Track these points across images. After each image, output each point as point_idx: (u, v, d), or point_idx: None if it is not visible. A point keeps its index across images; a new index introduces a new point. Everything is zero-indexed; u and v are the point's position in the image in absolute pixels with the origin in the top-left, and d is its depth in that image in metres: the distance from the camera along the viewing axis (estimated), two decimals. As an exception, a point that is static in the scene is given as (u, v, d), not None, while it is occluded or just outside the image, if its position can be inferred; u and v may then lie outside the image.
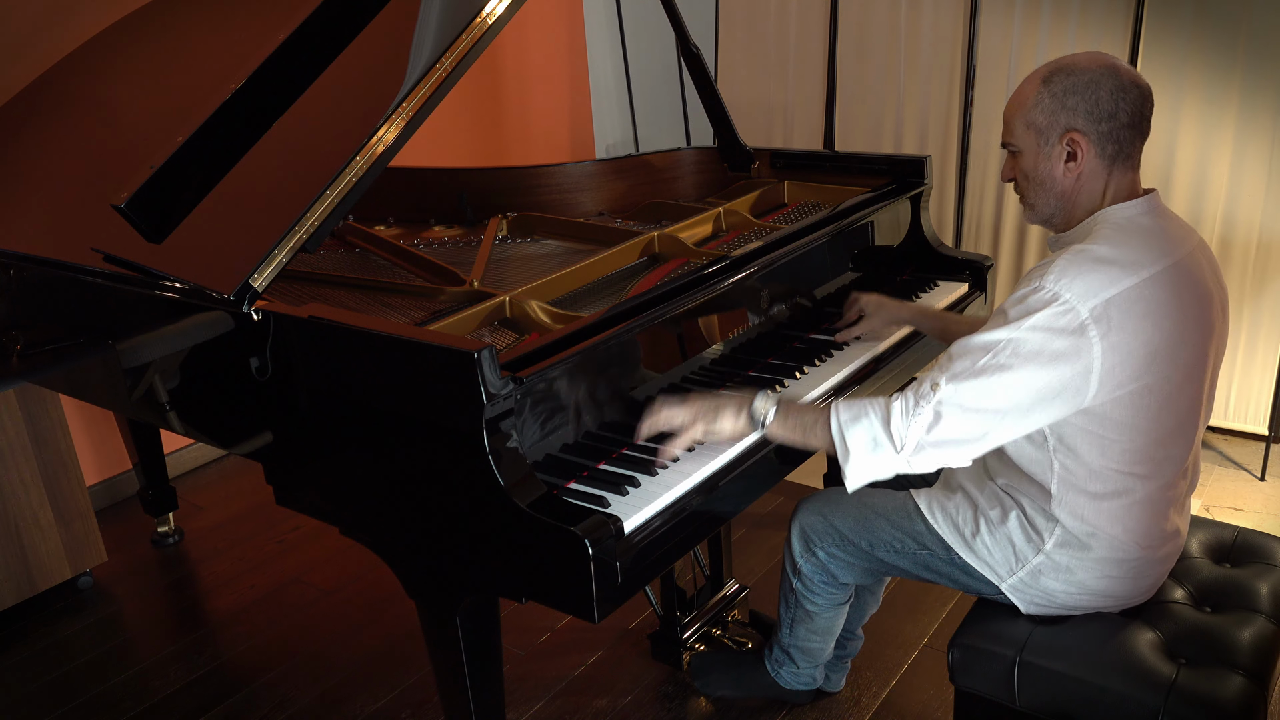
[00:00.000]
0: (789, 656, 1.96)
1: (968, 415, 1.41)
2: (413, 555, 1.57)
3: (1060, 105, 1.45)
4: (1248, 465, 3.04)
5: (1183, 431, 1.49)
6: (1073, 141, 1.46)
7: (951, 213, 3.45)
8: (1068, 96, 1.45)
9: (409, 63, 1.72)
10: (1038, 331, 1.38)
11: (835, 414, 1.50)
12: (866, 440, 1.47)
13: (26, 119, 2.38)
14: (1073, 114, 1.45)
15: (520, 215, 2.41)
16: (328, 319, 1.49)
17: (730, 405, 1.57)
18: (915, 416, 1.43)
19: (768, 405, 1.56)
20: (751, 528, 2.81)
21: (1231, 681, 1.42)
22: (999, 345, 1.39)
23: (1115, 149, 1.46)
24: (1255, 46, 2.78)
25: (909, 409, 1.44)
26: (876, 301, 1.99)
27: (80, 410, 3.04)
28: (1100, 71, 1.44)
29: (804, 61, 3.65)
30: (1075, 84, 1.44)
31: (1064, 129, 1.46)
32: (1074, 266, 1.39)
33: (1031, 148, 1.50)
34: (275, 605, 2.62)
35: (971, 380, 1.40)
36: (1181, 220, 1.53)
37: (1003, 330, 1.40)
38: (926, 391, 1.43)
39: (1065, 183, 1.50)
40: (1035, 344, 1.38)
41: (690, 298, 1.71)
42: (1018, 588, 1.59)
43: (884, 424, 1.46)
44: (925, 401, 1.43)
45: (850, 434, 1.48)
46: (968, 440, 1.44)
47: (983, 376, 1.40)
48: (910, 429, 1.43)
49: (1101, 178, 1.48)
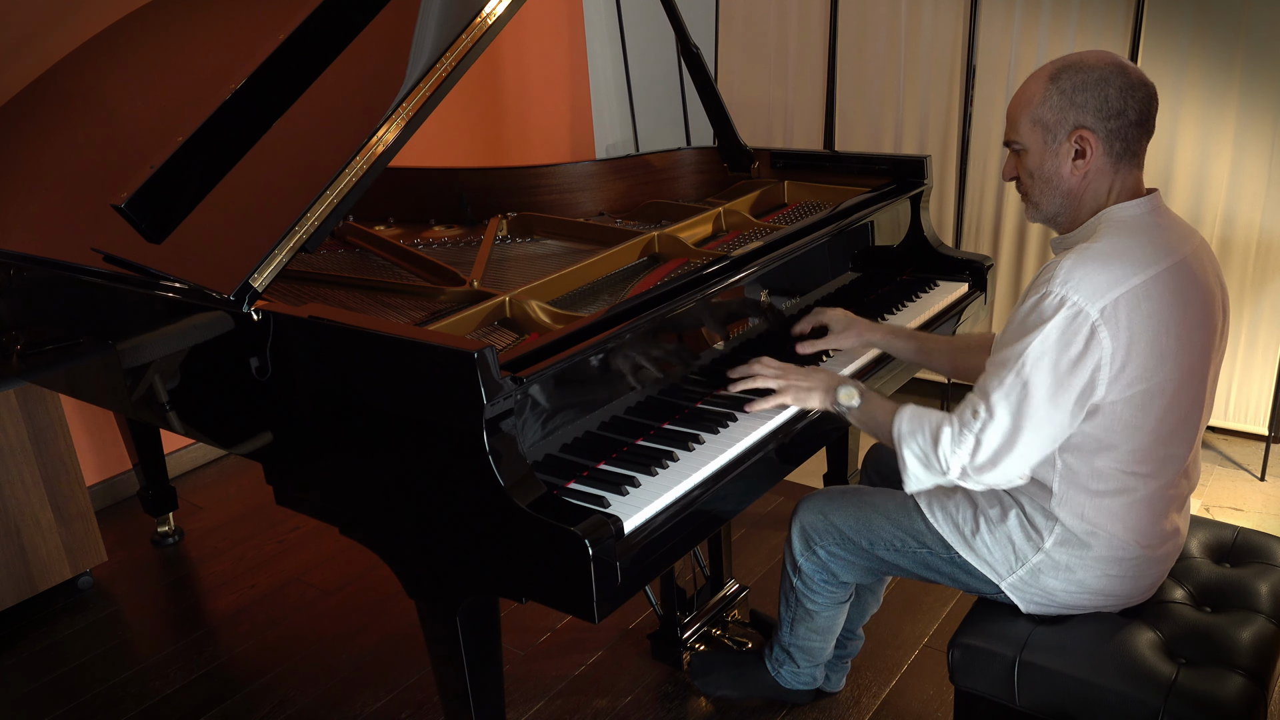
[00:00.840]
0: (789, 656, 1.96)
1: (1004, 439, 1.45)
2: (413, 555, 1.57)
3: (1069, 102, 1.45)
4: (1248, 465, 3.04)
5: (1184, 430, 1.49)
6: (1081, 139, 1.46)
7: (951, 213, 3.45)
8: (1077, 93, 1.45)
9: (409, 63, 1.72)
10: (1053, 342, 1.39)
11: (898, 423, 1.56)
12: (919, 454, 1.53)
13: (27, 119, 2.38)
14: (1082, 111, 1.45)
15: (520, 215, 2.41)
16: (328, 319, 1.49)
17: (821, 388, 1.70)
18: (960, 444, 1.47)
19: (852, 397, 1.66)
20: (751, 528, 2.81)
21: (1231, 681, 1.42)
22: (1024, 362, 1.41)
23: (1122, 146, 1.46)
24: (1255, 46, 2.78)
25: (956, 437, 1.48)
26: (845, 319, 1.92)
27: (80, 410, 3.04)
28: (1109, 69, 1.44)
29: (804, 61, 3.65)
30: (1085, 81, 1.44)
31: (1073, 126, 1.46)
32: (1080, 268, 1.39)
33: (1038, 145, 1.50)
34: (275, 605, 2.62)
35: (1004, 403, 1.44)
36: (1183, 220, 1.53)
37: (1024, 343, 1.41)
38: (969, 419, 1.47)
39: (1072, 180, 1.50)
40: (1053, 355, 1.39)
41: (690, 298, 1.71)
42: (1017, 586, 1.59)
43: (933, 446, 1.51)
44: (969, 430, 1.47)
45: (905, 447, 1.54)
46: (1008, 461, 1.46)
47: (1013, 398, 1.43)
48: (954, 457, 1.48)
49: (1108, 176, 1.49)
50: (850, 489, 1.82)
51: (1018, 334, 1.43)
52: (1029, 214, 1.59)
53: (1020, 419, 1.43)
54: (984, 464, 1.47)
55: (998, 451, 1.45)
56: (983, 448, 1.46)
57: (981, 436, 1.45)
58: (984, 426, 1.45)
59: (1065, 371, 1.39)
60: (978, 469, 1.48)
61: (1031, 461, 1.47)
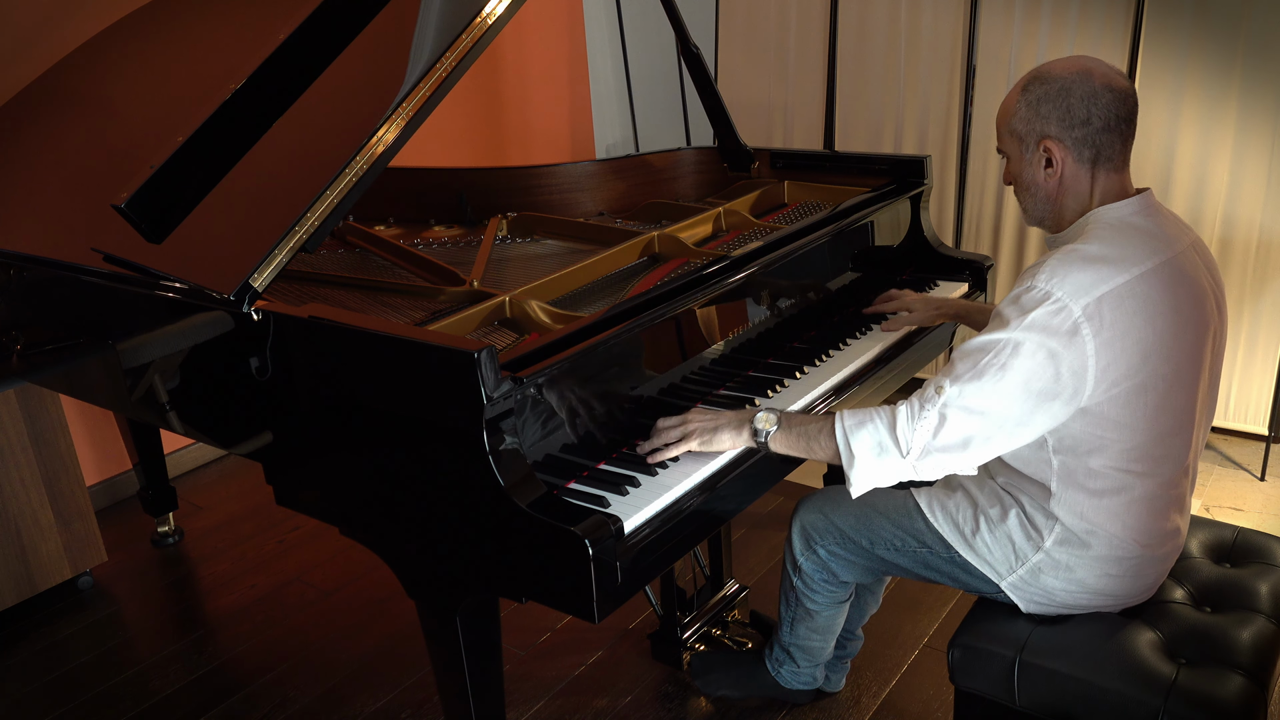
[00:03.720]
0: (789, 656, 1.96)
1: (972, 418, 1.42)
2: (413, 555, 1.57)
3: (1035, 113, 1.48)
4: (1248, 465, 3.04)
5: (1181, 430, 1.49)
6: (1047, 149, 1.48)
7: (951, 213, 3.45)
8: (1040, 105, 1.47)
9: (409, 63, 1.72)
10: (1034, 331, 1.38)
11: (840, 421, 1.49)
12: (872, 445, 1.47)
13: (27, 119, 2.38)
14: (1046, 121, 1.47)
15: (520, 215, 2.41)
16: (328, 319, 1.49)
17: (731, 425, 1.56)
18: (921, 421, 1.44)
19: (769, 422, 1.55)
20: (751, 528, 2.81)
21: (1231, 681, 1.42)
22: (998, 346, 1.40)
23: (1093, 153, 1.47)
24: (1255, 46, 2.78)
25: (914, 414, 1.44)
26: (921, 300, 2.09)
27: (80, 410, 3.04)
28: (1072, 78, 1.45)
29: (804, 61, 3.65)
30: (1047, 92, 1.46)
31: (1039, 136, 1.49)
32: (1064, 265, 1.40)
33: (1016, 154, 1.54)
34: (275, 605, 2.62)
35: (974, 383, 1.41)
36: (1177, 218, 1.54)
37: (1000, 332, 1.41)
38: (931, 395, 1.44)
39: (1048, 187, 1.52)
40: (1032, 343, 1.38)
41: (690, 298, 1.71)
42: (1017, 586, 1.59)
43: (889, 429, 1.46)
44: (930, 405, 1.43)
45: (855, 439, 1.47)
46: (973, 444, 1.44)
47: (984, 378, 1.41)
48: (916, 433, 1.44)
49: (1084, 180, 1.50)
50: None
51: (996, 326, 1.42)
52: (1023, 217, 1.62)
53: (986, 402, 1.41)
54: (949, 444, 1.43)
55: (959, 430, 1.42)
56: (947, 425, 1.42)
57: (946, 413, 1.42)
58: (948, 404, 1.42)
59: (1041, 364, 1.38)
60: (942, 449, 1.43)
61: (994, 448, 1.45)
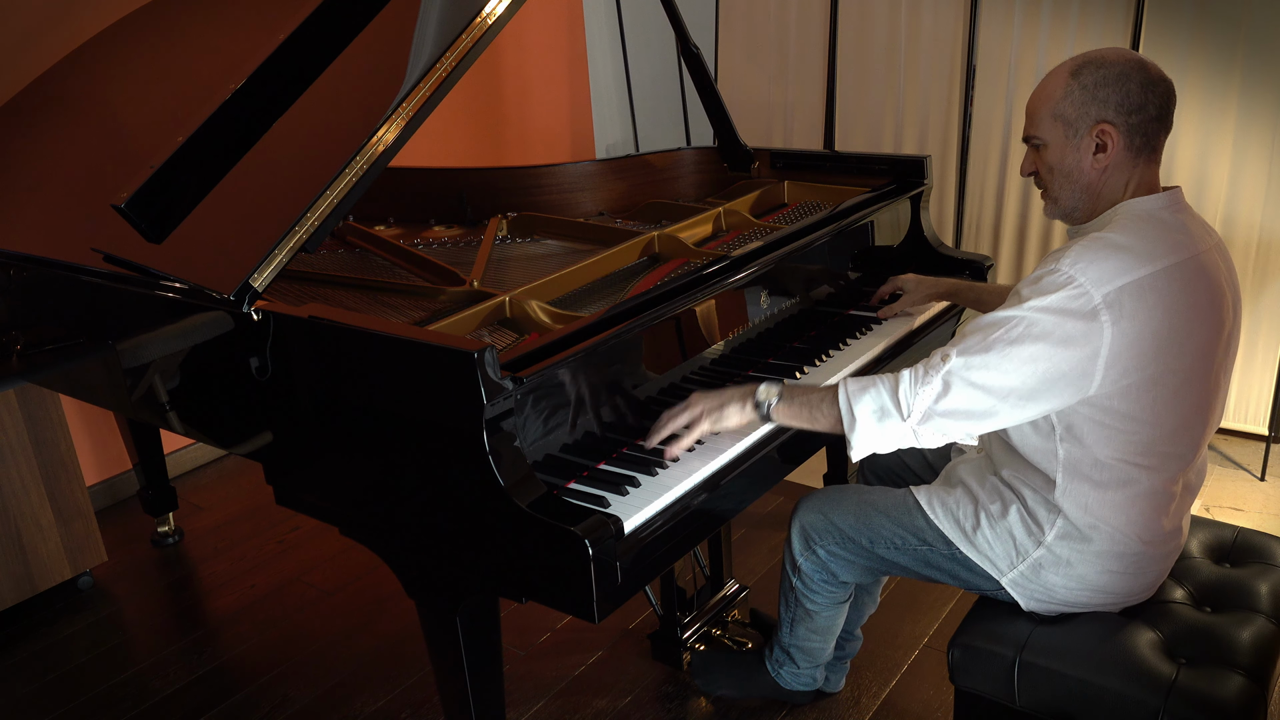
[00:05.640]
0: (789, 656, 1.96)
1: (975, 390, 1.43)
2: (413, 555, 1.57)
3: (1091, 97, 1.47)
4: (1248, 465, 3.04)
5: (1189, 429, 1.49)
6: (1103, 133, 1.48)
7: (951, 213, 3.45)
8: (1099, 89, 1.46)
9: (409, 63, 1.72)
10: (1050, 313, 1.39)
11: (843, 387, 1.53)
12: (874, 409, 1.49)
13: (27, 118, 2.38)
14: (1104, 105, 1.47)
15: (520, 215, 2.41)
16: (328, 319, 1.49)
17: (735, 399, 1.60)
18: (924, 385, 1.46)
19: (771, 393, 1.59)
20: (751, 528, 2.81)
21: (1231, 681, 1.42)
22: (1012, 322, 1.41)
23: (1143, 141, 1.48)
24: (1255, 46, 2.78)
25: (919, 378, 1.47)
26: (915, 280, 2.11)
27: (80, 410, 3.04)
28: (1130, 64, 1.46)
29: (804, 61, 3.65)
30: (1106, 76, 1.46)
31: (1095, 120, 1.48)
32: (1090, 252, 1.40)
33: (1058, 140, 1.52)
34: (275, 605, 2.62)
35: (982, 354, 1.42)
36: (1202, 220, 1.54)
37: (1017, 309, 1.42)
38: (937, 362, 1.46)
39: (1091, 175, 1.51)
40: (1047, 324, 1.39)
41: (690, 298, 1.71)
42: (1018, 582, 1.59)
43: (892, 392, 1.49)
44: (935, 371, 1.46)
45: (858, 404, 1.50)
46: (974, 415, 1.45)
47: (993, 351, 1.42)
48: (919, 397, 1.46)
49: (1126, 171, 1.50)
50: (850, 488, 1.82)
51: (1013, 303, 1.43)
52: (1047, 210, 1.61)
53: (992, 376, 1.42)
54: (950, 410, 1.45)
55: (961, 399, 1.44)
56: (951, 393, 1.44)
57: (950, 380, 1.44)
58: (954, 370, 1.43)
59: (1053, 345, 1.39)
60: (944, 414, 1.45)
61: (990, 423, 1.46)
